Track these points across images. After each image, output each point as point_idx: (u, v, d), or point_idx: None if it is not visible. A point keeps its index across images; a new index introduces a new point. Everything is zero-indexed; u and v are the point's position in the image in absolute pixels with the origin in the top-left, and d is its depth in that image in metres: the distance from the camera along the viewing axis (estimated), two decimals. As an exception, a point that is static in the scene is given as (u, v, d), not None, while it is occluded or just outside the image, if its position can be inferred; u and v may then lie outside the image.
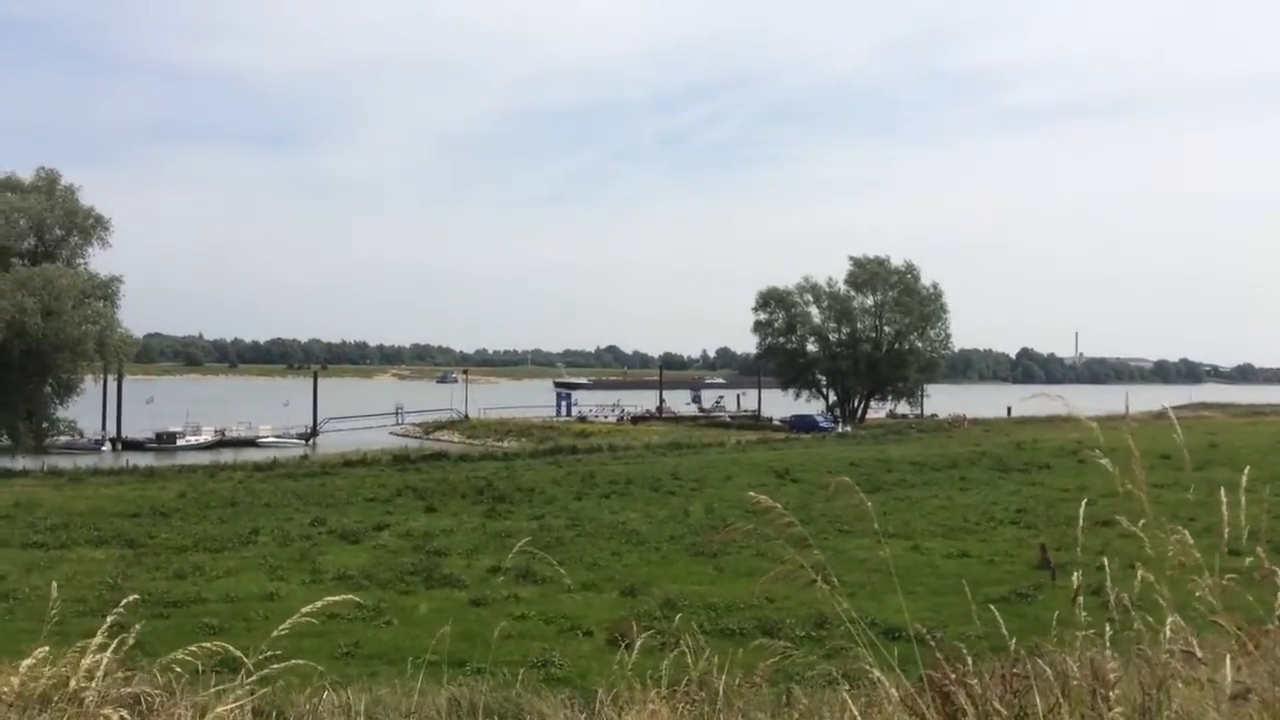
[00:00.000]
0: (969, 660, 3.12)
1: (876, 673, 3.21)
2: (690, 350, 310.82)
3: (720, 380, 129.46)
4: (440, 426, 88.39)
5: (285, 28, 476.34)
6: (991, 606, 4.01)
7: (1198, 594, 3.10)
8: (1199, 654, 2.85)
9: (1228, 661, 2.69)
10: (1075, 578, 3.33)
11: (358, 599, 9.93)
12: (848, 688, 3.88)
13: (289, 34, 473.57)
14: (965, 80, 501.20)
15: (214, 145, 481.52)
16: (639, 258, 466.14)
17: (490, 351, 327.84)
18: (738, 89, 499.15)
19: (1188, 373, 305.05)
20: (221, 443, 73.57)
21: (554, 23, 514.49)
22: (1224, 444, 46.01)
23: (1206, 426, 59.96)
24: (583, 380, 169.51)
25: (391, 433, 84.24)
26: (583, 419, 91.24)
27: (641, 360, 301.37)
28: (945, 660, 3.08)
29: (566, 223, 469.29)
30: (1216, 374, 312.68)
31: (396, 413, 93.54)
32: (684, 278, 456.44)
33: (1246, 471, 3.84)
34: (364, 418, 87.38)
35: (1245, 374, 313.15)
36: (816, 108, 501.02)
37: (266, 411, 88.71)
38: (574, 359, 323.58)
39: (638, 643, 4.13)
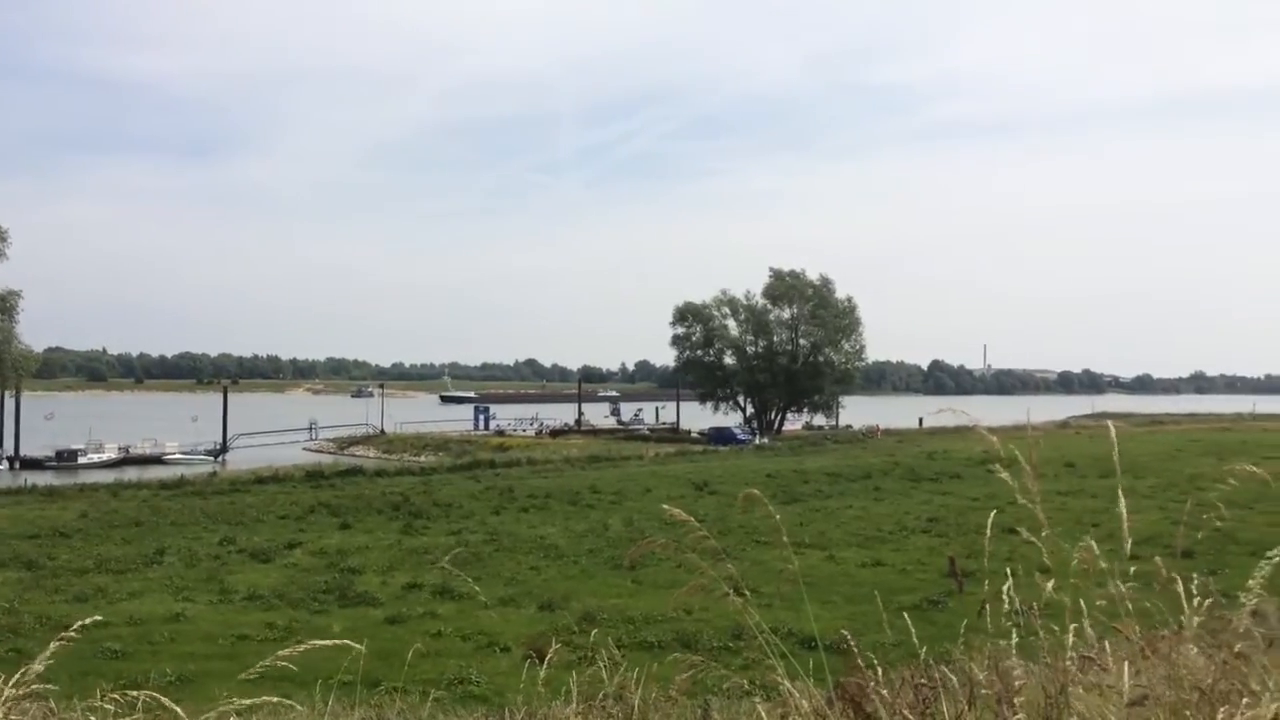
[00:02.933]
0: (879, 669, 3.15)
1: (787, 684, 3.23)
2: (610, 363, 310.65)
3: (614, 393, 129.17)
4: (355, 442, 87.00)
5: (201, 35, 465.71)
6: (904, 614, 4.06)
7: (1098, 601, 3.18)
8: (1100, 660, 2.92)
9: (1126, 668, 2.76)
10: (985, 585, 3.40)
11: (269, 621, 9.68)
12: (760, 699, 3.89)
13: (204, 41, 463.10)
14: (885, 96, 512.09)
15: (123, 155, 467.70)
16: (560, 270, 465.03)
17: (407, 365, 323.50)
18: (660, 102, 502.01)
19: (1090, 383, 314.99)
20: (126, 460, 71.31)
21: (480, 33, 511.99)
22: (1125, 452, 47.40)
23: (1109, 435, 61.84)
24: (469, 394, 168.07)
25: (305, 448, 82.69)
26: (501, 433, 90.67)
27: (561, 373, 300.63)
28: (856, 669, 3.10)
29: (487, 235, 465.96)
30: (1117, 384, 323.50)
31: (310, 428, 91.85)
32: (605, 291, 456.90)
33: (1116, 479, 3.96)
34: (276, 433, 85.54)
35: (1144, 384, 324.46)
36: (739, 121, 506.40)
37: (174, 428, 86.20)
38: (492, 372, 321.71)
39: (547, 657, 4.08)
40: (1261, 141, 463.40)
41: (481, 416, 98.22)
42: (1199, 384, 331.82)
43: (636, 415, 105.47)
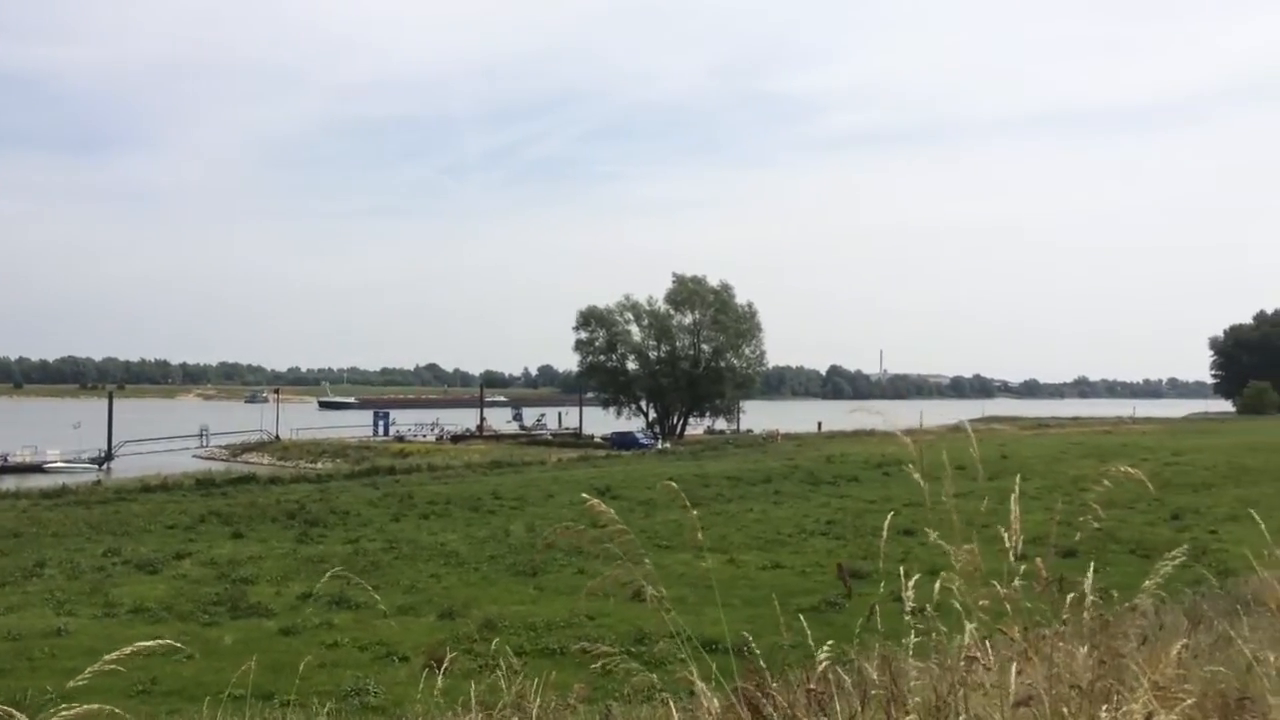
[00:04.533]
0: (777, 671, 3.18)
1: (700, 684, 3.24)
2: (513, 368, 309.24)
3: (502, 399, 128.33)
4: (249, 448, 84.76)
5: (87, 26, 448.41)
6: (802, 616, 4.11)
7: (981, 603, 3.26)
8: (984, 660, 2.99)
9: (1012, 668, 2.84)
10: (881, 587, 3.46)
11: (156, 635, 9.34)
12: (661, 702, 3.90)
13: (90, 33, 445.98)
14: (785, 105, 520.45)
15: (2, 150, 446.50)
16: (463, 274, 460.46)
17: (304, 370, 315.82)
18: (566, 106, 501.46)
19: (980, 388, 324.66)
20: (4, 469, 68.11)
21: (381, 31, 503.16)
22: (1014, 455, 49.13)
23: (998, 438, 63.91)
24: (349, 399, 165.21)
25: (195, 456, 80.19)
26: (401, 439, 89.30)
27: (463, 378, 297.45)
28: (754, 672, 3.13)
29: (389, 237, 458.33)
30: (1006, 389, 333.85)
31: (201, 435, 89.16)
32: (508, 295, 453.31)
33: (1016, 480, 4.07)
34: (165, 440, 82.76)
35: (1032, 389, 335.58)
36: (644, 127, 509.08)
37: (55, 435, 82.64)
38: (393, 377, 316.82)
39: (443, 665, 4.03)
40: (1141, 156, 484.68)
41: (381, 422, 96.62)
42: (1082, 389, 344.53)
43: (539, 420, 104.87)
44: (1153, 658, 3.06)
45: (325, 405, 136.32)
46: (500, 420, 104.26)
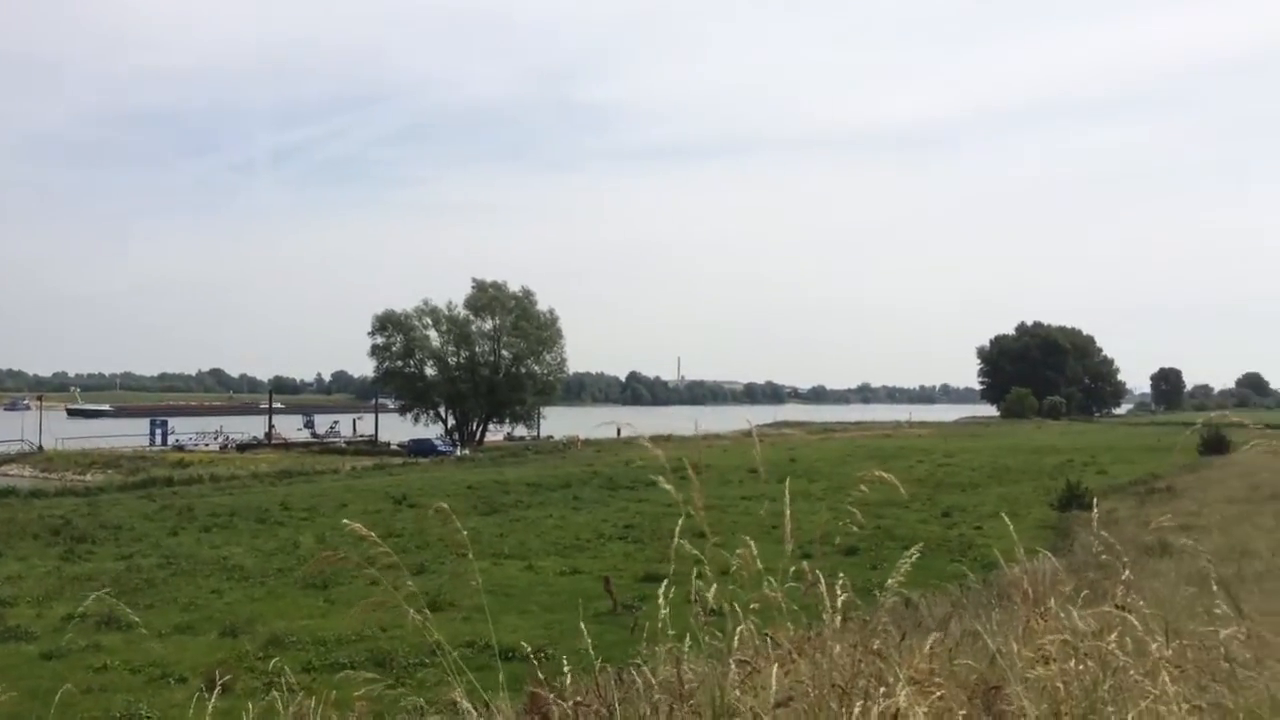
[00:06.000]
0: (569, 677, 3.18)
1: (465, 703, 3.19)
2: (305, 374, 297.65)
3: (280, 406, 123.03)
4: (8, 460, 78.01)
5: None
6: (599, 620, 4.13)
7: (753, 605, 3.36)
8: (755, 662, 3.08)
9: (774, 670, 2.94)
10: (670, 590, 3.51)
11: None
12: (458, 709, 3.81)
13: None
14: (590, 114, 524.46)
15: None
16: (252, 276, 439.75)
17: (72, 375, 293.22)
18: (364, 106, 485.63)
19: (772, 394, 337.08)
20: None
21: (161, 22, 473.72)
22: (802, 458, 51.30)
23: (787, 442, 66.55)
24: (104, 406, 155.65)
25: (-57, 468, 73.19)
26: (181, 448, 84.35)
27: (250, 385, 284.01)
28: (544, 678, 3.11)
29: (171, 236, 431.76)
30: (796, 395, 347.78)
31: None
32: (301, 299, 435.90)
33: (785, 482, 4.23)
34: (-94, 452, 75.21)
35: (820, 395, 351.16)
36: (443, 130, 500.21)
37: None
38: (172, 383, 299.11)
39: (217, 686, 3.82)
40: (916, 173, 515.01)
41: (159, 431, 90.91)
42: (865, 395, 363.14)
43: (332, 428, 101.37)
44: (909, 653, 3.23)
45: (75, 413, 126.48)
46: (291, 428, 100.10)
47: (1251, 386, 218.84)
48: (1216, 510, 26.98)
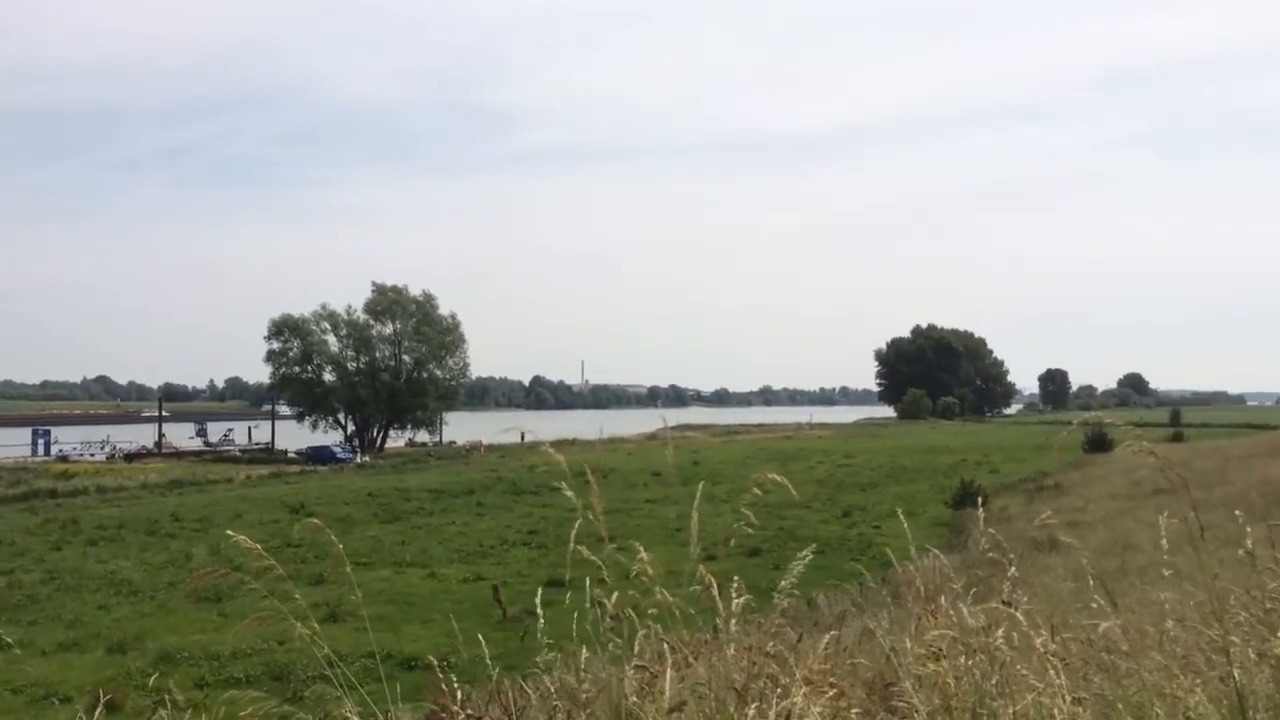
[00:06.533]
0: (466, 687, 3.15)
1: (355, 719, 3.14)
2: (197, 381, 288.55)
3: (171, 414, 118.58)
4: (-128, 473, 73.92)
5: None
6: (504, 628, 4.10)
7: (652, 611, 3.39)
8: (652, 667, 3.11)
9: (668, 675, 2.97)
10: (567, 597, 3.51)
11: None
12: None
13: None
14: (485, 117, 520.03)
15: None
16: (139, 280, 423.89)
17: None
18: (253, 105, 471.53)
19: (675, 397, 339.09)
20: None
21: (36, 15, 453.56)
22: (705, 460, 51.75)
23: (691, 445, 67.08)
24: None
25: None
26: (64, 458, 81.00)
27: (139, 392, 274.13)
28: (444, 688, 3.09)
29: (53, 238, 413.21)
30: (699, 398, 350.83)
31: None
32: (192, 303, 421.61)
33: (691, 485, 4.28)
34: None
35: (723, 398, 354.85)
36: (338, 131, 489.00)
37: None
38: (55, 391, 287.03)
39: (99, 706, 3.69)
40: (816, 178, 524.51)
41: (41, 440, 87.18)
42: (767, 397, 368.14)
43: (226, 435, 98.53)
44: (805, 653, 3.29)
45: None
46: (182, 436, 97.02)
47: (1132, 386, 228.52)
48: (1101, 506, 28.09)
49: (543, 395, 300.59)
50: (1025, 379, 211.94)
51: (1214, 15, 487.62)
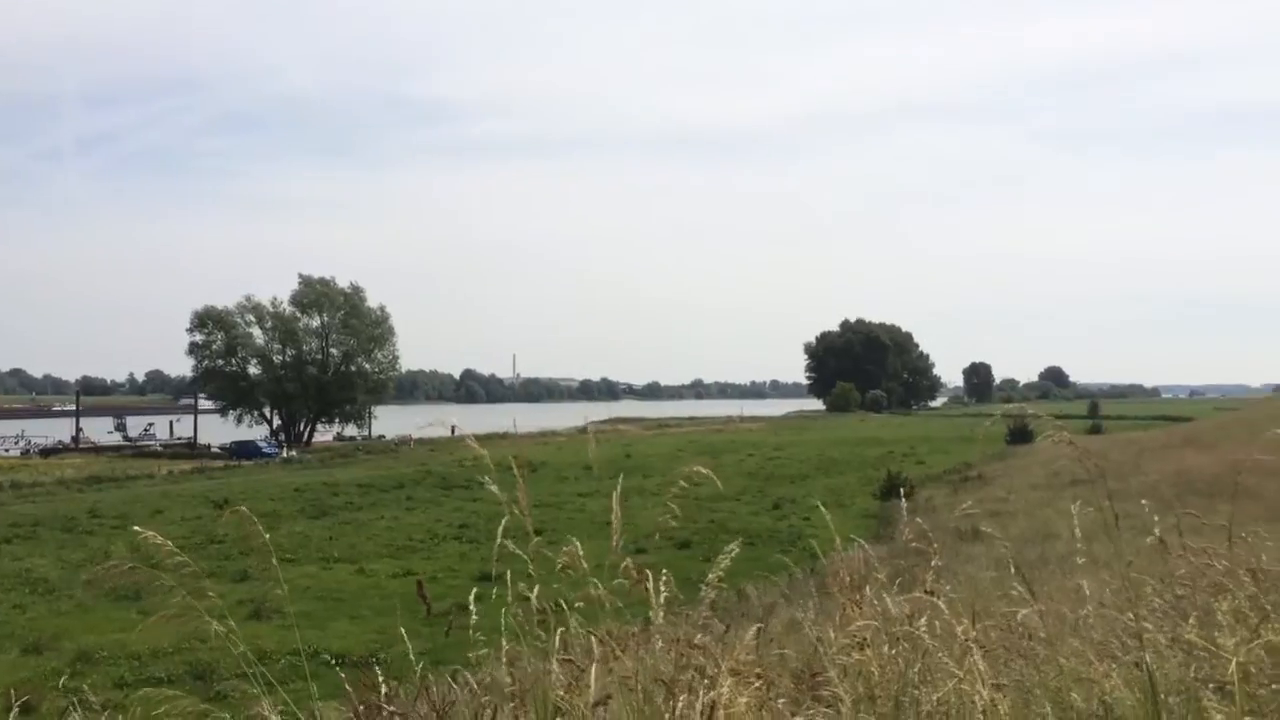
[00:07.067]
0: (395, 684, 3.13)
1: (274, 717, 3.10)
2: (116, 374, 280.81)
3: (84, 409, 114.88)
4: None
5: None
6: (434, 623, 4.07)
7: (578, 604, 3.39)
8: (580, 661, 3.11)
9: (594, 669, 2.98)
10: (494, 592, 3.50)
11: None
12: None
13: None
14: (419, 108, 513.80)
15: None
16: (57, 271, 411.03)
17: None
18: (179, 92, 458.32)
19: (607, 390, 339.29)
20: None
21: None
22: (636, 454, 51.87)
23: (623, 439, 67.18)
24: None
25: None
26: (-24, 454, 78.51)
27: (55, 385, 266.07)
28: (369, 685, 3.06)
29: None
30: (631, 391, 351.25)
31: None
32: (110, 294, 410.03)
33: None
34: None
35: (654, 391, 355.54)
36: (267, 120, 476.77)
37: None
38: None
39: (15, 708, 3.59)
40: (747, 172, 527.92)
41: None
42: (699, 390, 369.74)
43: (147, 430, 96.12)
44: (732, 645, 3.32)
45: None
46: (101, 431, 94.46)
47: (1053, 379, 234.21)
48: (1023, 496, 28.78)
49: (474, 389, 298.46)
50: (950, 372, 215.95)
51: (1116, 22, 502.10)
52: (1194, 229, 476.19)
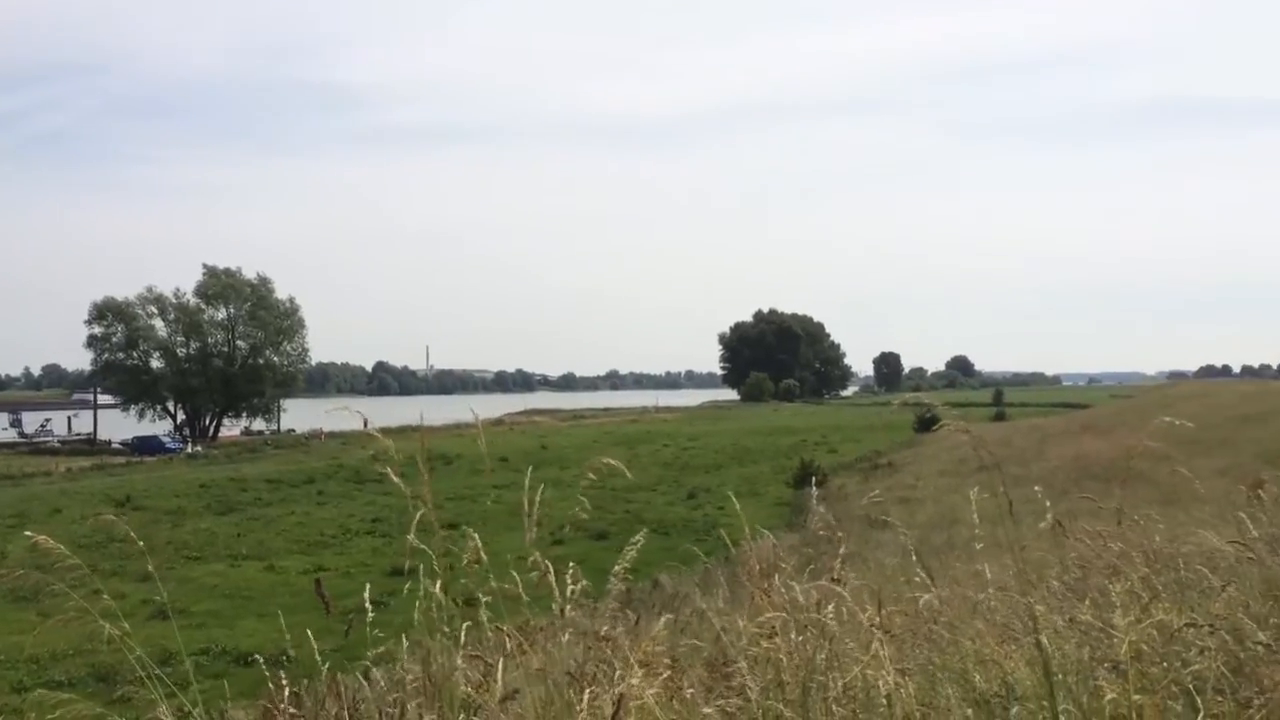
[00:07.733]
0: (301, 682, 3.09)
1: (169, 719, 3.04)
2: (11, 368, 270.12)
3: None
4: None
5: None
6: (345, 620, 4.01)
7: (486, 599, 3.39)
8: (486, 656, 3.11)
9: (501, 664, 2.99)
10: (407, 587, 3.47)
11: None
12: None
13: None
14: (327, 95, 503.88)
15: None
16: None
17: None
18: (76, 76, 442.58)
19: (523, 382, 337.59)
20: None
21: None
22: (552, 445, 51.76)
23: (538, 430, 66.96)
24: None
25: None
26: None
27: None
28: (276, 684, 3.02)
29: None
30: (546, 382, 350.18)
31: None
32: (5, 284, 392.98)
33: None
34: None
35: (569, 382, 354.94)
36: (167, 105, 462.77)
37: None
38: None
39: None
40: (660, 163, 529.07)
41: None
42: (614, 381, 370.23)
43: (43, 426, 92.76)
44: (641, 636, 3.35)
45: None
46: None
47: (959, 368, 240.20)
48: (931, 483, 29.49)
49: (386, 381, 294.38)
50: (861, 362, 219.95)
51: (1021, 18, 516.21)
52: (1091, 221, 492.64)
